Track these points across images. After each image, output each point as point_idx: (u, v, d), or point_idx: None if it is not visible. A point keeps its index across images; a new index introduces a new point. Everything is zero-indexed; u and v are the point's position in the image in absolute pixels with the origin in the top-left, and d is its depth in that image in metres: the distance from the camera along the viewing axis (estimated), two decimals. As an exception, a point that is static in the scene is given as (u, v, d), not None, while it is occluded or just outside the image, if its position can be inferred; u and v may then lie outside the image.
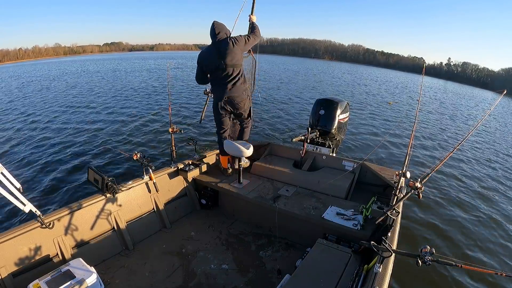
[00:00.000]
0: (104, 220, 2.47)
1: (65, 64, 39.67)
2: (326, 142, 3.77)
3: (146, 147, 6.59)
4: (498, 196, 5.21)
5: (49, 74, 25.49)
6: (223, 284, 2.22)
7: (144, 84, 17.78)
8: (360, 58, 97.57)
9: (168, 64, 37.37)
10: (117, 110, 10.70)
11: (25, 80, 21.75)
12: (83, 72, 24.94)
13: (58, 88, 16.43)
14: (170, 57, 56.48)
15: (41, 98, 13.33)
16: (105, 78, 21.42)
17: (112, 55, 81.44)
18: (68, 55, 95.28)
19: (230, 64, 2.65)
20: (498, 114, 17.87)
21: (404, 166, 2.11)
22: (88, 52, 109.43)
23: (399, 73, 60.23)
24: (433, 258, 1.37)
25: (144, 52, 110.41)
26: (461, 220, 4.21)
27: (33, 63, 53.65)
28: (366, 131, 8.87)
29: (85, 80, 20.34)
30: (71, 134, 7.72)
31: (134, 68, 30.44)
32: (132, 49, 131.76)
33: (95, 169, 2.49)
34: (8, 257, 1.92)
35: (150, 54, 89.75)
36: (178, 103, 11.59)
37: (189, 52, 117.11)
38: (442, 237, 3.77)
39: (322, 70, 33.29)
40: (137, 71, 26.83)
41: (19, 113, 10.41)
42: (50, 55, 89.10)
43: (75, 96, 13.64)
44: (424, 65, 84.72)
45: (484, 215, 4.43)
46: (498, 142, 9.88)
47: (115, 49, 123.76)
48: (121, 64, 36.16)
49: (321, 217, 2.43)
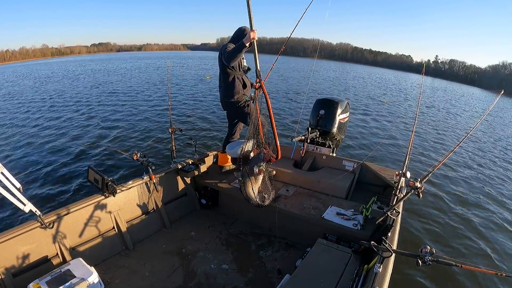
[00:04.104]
0: (104, 220, 2.46)
1: (56, 65, 39.24)
2: (326, 142, 3.77)
3: (146, 147, 6.58)
4: (498, 196, 5.21)
5: (44, 74, 25.43)
6: (223, 284, 2.22)
7: (143, 84, 17.77)
8: (348, 57, 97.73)
9: (168, 63, 37.43)
10: (117, 110, 10.69)
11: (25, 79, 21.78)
12: (80, 74, 24.88)
13: (58, 89, 16.43)
14: (161, 57, 56.04)
15: (41, 99, 13.33)
16: (103, 78, 21.42)
17: (101, 56, 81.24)
18: (56, 56, 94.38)
19: (220, 69, 2.89)
20: (494, 112, 17.80)
21: (404, 166, 2.11)
22: (76, 53, 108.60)
23: (387, 71, 60.11)
24: (433, 258, 1.37)
25: (134, 52, 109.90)
26: (461, 220, 4.21)
27: (22, 64, 53.09)
28: (366, 131, 8.86)
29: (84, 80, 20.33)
30: (71, 134, 7.72)
31: (130, 67, 30.46)
32: (120, 49, 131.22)
33: (95, 169, 2.49)
34: (8, 257, 1.92)
35: (143, 54, 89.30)
36: (178, 103, 11.59)
37: (178, 52, 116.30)
38: (442, 237, 3.77)
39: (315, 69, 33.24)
40: (133, 70, 26.84)
41: (19, 113, 10.42)
42: (37, 57, 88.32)
43: (75, 96, 13.64)
44: (424, 64, 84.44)
45: (484, 215, 4.43)
46: (498, 140, 9.88)
47: (103, 49, 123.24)
48: (116, 64, 36.10)
49: (321, 217, 2.43)
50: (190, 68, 28.67)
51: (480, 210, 4.58)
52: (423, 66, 73.60)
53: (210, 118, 9.28)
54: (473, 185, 5.58)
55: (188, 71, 25.59)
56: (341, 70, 41.64)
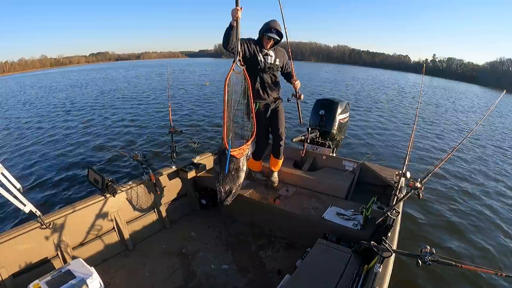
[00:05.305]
0: (104, 220, 2.46)
1: (58, 75, 38.98)
2: (326, 142, 3.77)
3: (146, 147, 6.59)
4: (498, 195, 5.20)
5: (47, 84, 25.37)
6: (223, 284, 2.22)
7: (144, 86, 17.81)
8: (346, 59, 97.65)
9: (168, 66, 37.60)
10: (118, 111, 10.72)
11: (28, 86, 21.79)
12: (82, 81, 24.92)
13: (57, 91, 16.44)
14: (161, 64, 55.56)
15: (42, 100, 13.34)
16: (104, 81, 21.49)
17: (101, 65, 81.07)
18: (55, 66, 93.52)
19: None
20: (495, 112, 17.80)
21: (404, 166, 2.11)
22: (75, 63, 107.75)
23: (385, 72, 59.95)
24: (433, 258, 1.37)
25: (133, 61, 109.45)
26: (461, 220, 4.21)
27: (22, 75, 52.56)
28: (366, 131, 8.86)
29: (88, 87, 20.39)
30: (72, 134, 7.74)
31: (131, 74, 30.58)
32: (118, 58, 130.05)
33: (95, 169, 2.49)
34: (8, 257, 1.92)
35: (142, 62, 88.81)
36: (179, 105, 11.60)
37: (177, 59, 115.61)
38: (442, 237, 3.76)
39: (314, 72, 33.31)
40: (136, 77, 26.93)
41: (19, 114, 10.42)
42: (37, 67, 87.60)
43: (75, 98, 13.65)
44: (424, 64, 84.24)
45: (484, 215, 4.43)
46: (498, 140, 9.87)
47: (102, 59, 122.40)
48: (118, 72, 36.22)
49: (321, 217, 2.43)
50: (190, 74, 28.79)
51: (480, 210, 4.57)
52: (423, 66, 73.47)
53: (210, 119, 9.30)
54: (474, 185, 5.57)
55: (188, 77, 25.67)
56: (340, 72, 41.68)
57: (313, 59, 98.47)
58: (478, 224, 4.15)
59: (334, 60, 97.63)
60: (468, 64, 75.63)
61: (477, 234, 3.91)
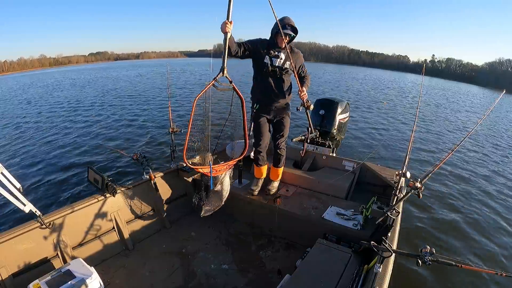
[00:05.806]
0: (104, 220, 2.46)
1: (57, 74, 39.05)
2: (326, 142, 3.77)
3: (146, 147, 6.59)
4: (498, 195, 5.20)
5: (48, 83, 25.41)
6: (223, 284, 2.22)
7: (144, 85, 17.81)
8: (345, 59, 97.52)
9: (168, 65, 37.58)
10: (118, 111, 10.71)
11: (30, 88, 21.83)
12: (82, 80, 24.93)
13: (57, 91, 16.43)
14: (160, 64, 55.52)
15: (42, 100, 13.34)
16: (104, 81, 21.50)
17: (100, 64, 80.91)
18: (54, 66, 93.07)
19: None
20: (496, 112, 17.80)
21: (404, 166, 2.10)
22: (74, 62, 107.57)
23: (385, 72, 59.94)
24: (433, 258, 1.37)
25: (132, 61, 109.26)
26: (461, 220, 4.21)
27: (21, 75, 52.59)
28: (366, 131, 8.86)
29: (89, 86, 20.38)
30: (72, 134, 7.73)
31: (132, 74, 30.55)
32: (117, 58, 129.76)
33: (95, 169, 2.49)
34: (8, 257, 1.92)
35: (142, 62, 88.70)
36: (179, 104, 11.60)
37: (176, 59, 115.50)
38: (442, 237, 3.76)
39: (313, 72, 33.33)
40: (134, 76, 26.90)
41: (20, 114, 10.42)
42: (36, 67, 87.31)
43: (75, 98, 13.64)
44: (424, 64, 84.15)
45: (484, 215, 4.43)
46: (498, 140, 9.86)
47: (101, 58, 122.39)
48: (118, 71, 36.22)
49: (321, 217, 2.43)
50: (190, 74, 28.79)
51: (480, 210, 4.57)
52: (423, 66, 73.30)
53: (210, 119, 9.27)
54: (474, 184, 5.57)
55: (188, 77, 25.66)
56: (340, 72, 41.66)
57: (312, 59, 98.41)
58: (478, 224, 4.15)
59: (333, 60, 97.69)
60: (467, 65, 75.69)
61: (477, 234, 3.91)
